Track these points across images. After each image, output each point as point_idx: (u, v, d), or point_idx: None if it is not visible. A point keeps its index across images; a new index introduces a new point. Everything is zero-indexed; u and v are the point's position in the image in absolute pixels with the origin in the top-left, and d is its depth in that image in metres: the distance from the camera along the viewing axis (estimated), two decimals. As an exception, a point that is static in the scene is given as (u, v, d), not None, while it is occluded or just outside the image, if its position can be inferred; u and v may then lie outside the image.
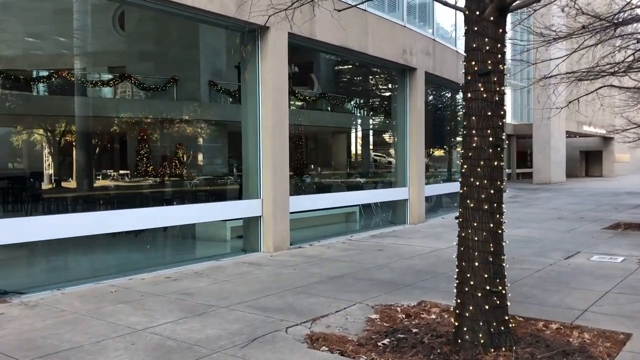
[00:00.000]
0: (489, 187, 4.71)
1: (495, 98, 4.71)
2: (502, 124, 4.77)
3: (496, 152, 4.70)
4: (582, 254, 9.58)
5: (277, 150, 9.80)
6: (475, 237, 4.79)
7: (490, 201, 4.75)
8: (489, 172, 4.69)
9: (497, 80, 4.75)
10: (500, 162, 4.76)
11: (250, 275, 7.91)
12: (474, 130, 4.72)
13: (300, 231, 12.17)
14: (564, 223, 14.13)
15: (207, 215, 9.30)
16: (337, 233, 12.18)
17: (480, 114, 4.70)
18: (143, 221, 8.20)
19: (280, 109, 9.87)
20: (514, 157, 47.02)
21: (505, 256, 5.08)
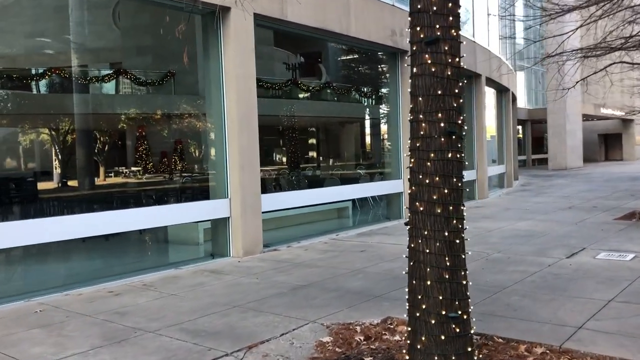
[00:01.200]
0: (442, 185, 3.73)
1: (447, 72, 3.73)
2: (457, 105, 3.78)
3: (450, 140, 3.71)
4: (588, 250, 8.53)
5: (244, 145, 8.87)
6: (426, 249, 3.81)
7: (445, 203, 3.76)
8: (441, 167, 3.71)
9: (449, 49, 3.76)
10: (458, 153, 3.77)
11: (204, 287, 7.01)
12: (421, 115, 3.75)
13: (282, 231, 11.28)
14: (574, 213, 13.03)
15: (163, 219, 8.39)
16: (322, 231, 11.24)
17: (428, 93, 3.72)
18: (79, 229, 7.30)
19: (247, 99, 8.93)
20: (529, 143, 45.59)
21: (466, 272, 4.05)
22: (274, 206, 9.76)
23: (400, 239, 10.06)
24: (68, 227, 7.15)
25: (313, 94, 31.59)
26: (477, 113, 17.34)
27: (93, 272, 8.43)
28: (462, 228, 3.89)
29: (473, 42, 16.61)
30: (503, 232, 10.57)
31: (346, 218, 13.57)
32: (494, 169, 21.21)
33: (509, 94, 21.99)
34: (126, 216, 7.94)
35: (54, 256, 9.13)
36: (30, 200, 16.01)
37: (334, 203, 12.63)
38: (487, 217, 12.87)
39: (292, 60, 35.66)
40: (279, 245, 9.75)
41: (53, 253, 9.00)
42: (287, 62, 35.69)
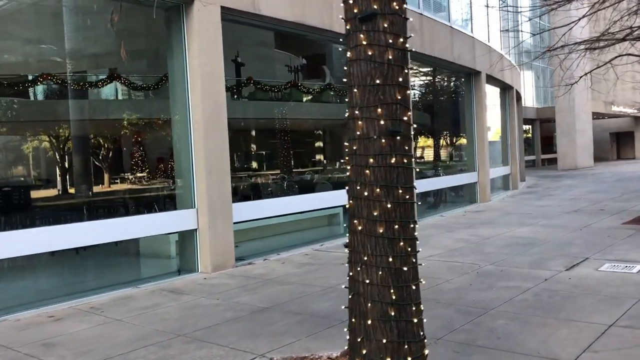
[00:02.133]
0: (385, 198, 2.97)
1: (388, 56, 2.98)
2: (403, 97, 3.01)
3: (394, 142, 2.96)
4: (591, 261, 7.70)
5: (212, 149, 8.13)
6: (366, 279, 3.04)
7: (388, 221, 3.00)
8: (382, 175, 2.97)
9: (389, 27, 3.01)
10: (405, 158, 3.01)
11: (156, 310, 6.27)
12: (357, 110, 3.00)
13: (261, 242, 10.53)
14: (579, 218, 12.16)
15: (121, 232, 7.63)
16: (308, 241, 10.46)
17: (364, 82, 2.98)
18: (25, 247, 6.59)
19: (214, 99, 8.19)
20: (538, 143, 44.54)
21: (419, 306, 3.26)
22: (247, 216, 9.01)
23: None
24: (15, 243, 6.44)
25: (314, 96, 30.86)
26: (478, 112, 16.51)
27: (40, 293, 7.70)
28: (411, 251, 3.12)
29: (472, 38, 15.80)
30: (500, 240, 9.75)
31: (337, 225, 12.79)
32: (498, 171, 20.34)
33: (512, 92, 21.12)
34: (77, 230, 7.21)
35: (3, 275, 8.43)
36: (17, 210, 15.34)
37: (322, 210, 11.85)
38: (485, 223, 12.04)
39: (294, 62, 34.96)
40: (256, 258, 9.00)
41: (6, 270, 8.30)
42: (290, 64, 35.01)
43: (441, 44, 13.84)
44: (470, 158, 16.67)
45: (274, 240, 10.81)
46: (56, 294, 7.26)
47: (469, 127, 16.67)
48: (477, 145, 16.51)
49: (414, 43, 12.55)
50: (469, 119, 16.64)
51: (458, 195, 17.26)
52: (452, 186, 16.51)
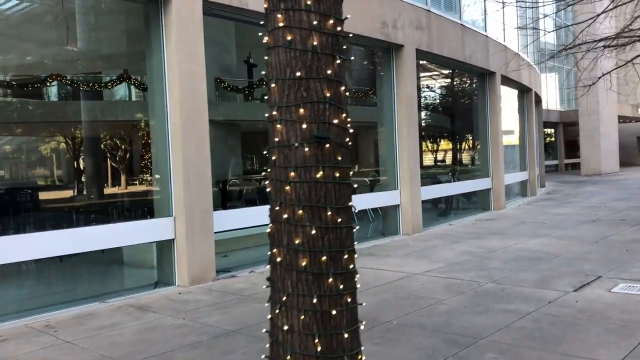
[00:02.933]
0: (309, 222, 2.35)
1: (313, 42, 2.35)
2: (335, 94, 2.38)
3: (321, 151, 2.32)
4: (603, 280, 6.94)
5: (191, 154, 7.55)
6: (285, 324, 2.40)
7: (313, 251, 2.36)
8: (306, 193, 2.35)
9: (314, 5, 2.37)
10: (337, 171, 2.38)
11: (113, 330, 5.69)
12: (276, 111, 2.37)
13: (249, 252, 9.93)
14: (597, 228, 11.34)
15: (93, 242, 7.05)
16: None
17: (283, 75, 2.35)
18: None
19: (193, 100, 7.61)
20: (561, 147, 43.29)
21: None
22: (230, 225, 8.40)
23: (383, 263, 8.64)
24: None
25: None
26: (492, 115, 15.72)
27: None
28: (345, 289, 2.47)
29: (485, 36, 15.03)
30: (508, 253, 9.01)
31: (338, 233, 12.13)
32: (515, 176, 19.48)
33: (531, 94, 20.25)
34: (42, 240, 6.68)
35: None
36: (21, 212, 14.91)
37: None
38: (495, 233, 11.28)
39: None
40: (241, 270, 8.40)
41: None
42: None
43: (451, 43, 13.11)
44: (484, 163, 15.88)
45: (264, 250, 10.19)
46: (13, 309, 6.72)
47: (483, 130, 15.89)
48: (491, 150, 15.71)
49: (420, 41, 11.89)
50: (483, 122, 15.86)
51: (471, 202, 16.48)
52: (464, 193, 15.73)
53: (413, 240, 10.78)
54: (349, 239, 2.44)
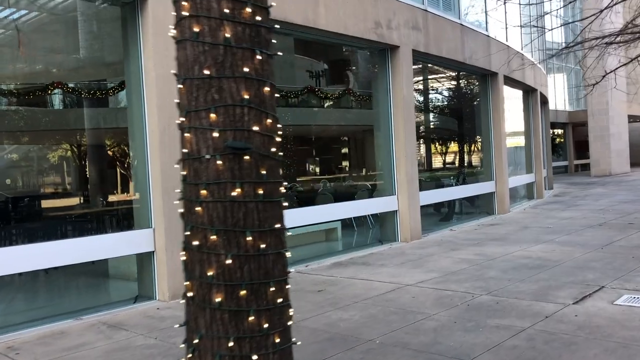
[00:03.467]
0: (225, 248, 1.97)
1: (224, 34, 2.00)
2: (254, 96, 2.02)
3: (239, 165, 1.96)
4: (606, 290, 6.52)
5: (170, 163, 7.20)
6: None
7: (230, 284, 1.99)
8: (220, 215, 1.98)
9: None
10: (260, 188, 2.01)
11: (77, 352, 5.35)
12: (185, 117, 2.02)
13: None
14: (603, 233, 10.89)
15: (65, 257, 6.73)
16: (293, 261, 9.45)
17: (191, 74, 2.00)
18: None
19: (173, 105, 7.26)
20: (570, 148, 42.64)
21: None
22: None
23: (376, 272, 8.25)
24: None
25: (334, 102, 30.06)
26: (494, 117, 15.29)
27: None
28: (273, 328, 2.09)
29: (486, 36, 14.62)
30: (507, 262, 8.59)
31: (335, 241, 11.78)
32: (520, 179, 19.03)
33: (536, 94, 19.78)
34: (14, 254, 6.36)
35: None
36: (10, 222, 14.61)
37: (316, 225, 10.84)
38: (497, 239, 10.85)
39: (315, 67, 34.12)
40: (227, 282, 8.04)
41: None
42: (311, 69, 34.17)
43: (449, 43, 12.71)
44: (488, 166, 15.45)
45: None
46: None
47: (485, 133, 15.46)
48: (494, 152, 15.28)
49: (417, 42, 11.51)
50: (485, 124, 15.43)
51: (474, 206, 16.05)
52: (467, 197, 15.31)
53: (411, 248, 10.37)
54: (279, 268, 2.06)
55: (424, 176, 26.50)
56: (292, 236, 9.40)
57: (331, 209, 10.62)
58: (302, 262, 9.36)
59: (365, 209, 11.30)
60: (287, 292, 2.16)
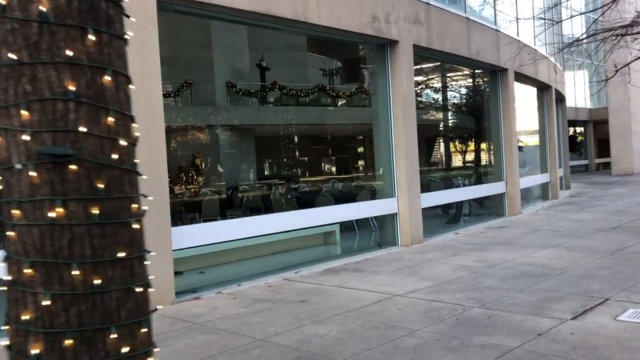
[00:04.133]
0: (42, 286, 1.52)
1: (39, 6, 1.53)
2: (86, 88, 1.57)
3: (61, 177, 1.53)
4: (610, 304, 5.97)
5: (143, 164, 6.78)
6: None
7: (49, 333, 1.54)
8: (36, 242, 1.52)
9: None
10: (98, 207, 1.56)
11: None
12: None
13: (225, 269, 9.22)
14: (616, 237, 10.27)
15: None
16: (284, 266, 9.04)
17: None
18: None
19: (146, 105, 6.87)
20: (591, 146, 41.60)
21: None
22: (192, 241, 7.63)
23: (366, 280, 7.77)
24: None
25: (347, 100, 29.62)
26: (505, 115, 14.69)
27: None
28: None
29: (494, 30, 14.03)
30: (508, 269, 8.05)
31: (333, 245, 11.32)
32: (534, 179, 18.39)
33: (551, 91, 19.09)
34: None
35: None
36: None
37: (312, 228, 10.38)
38: (502, 244, 10.30)
39: (329, 66, 33.62)
40: (209, 291, 7.63)
41: None
42: (324, 68, 33.68)
43: (454, 38, 12.17)
44: (498, 166, 14.86)
45: (244, 266, 9.46)
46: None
47: (495, 131, 14.87)
48: (505, 151, 14.69)
49: (418, 37, 10.99)
50: (495, 122, 14.85)
51: (484, 208, 15.48)
52: (476, 198, 14.74)
53: (410, 253, 9.87)
54: (129, 307, 1.62)
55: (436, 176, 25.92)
56: (285, 241, 8.95)
57: (325, 212, 10.14)
58: (293, 268, 8.92)
59: (363, 212, 10.82)
60: (144, 337, 1.71)
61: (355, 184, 20.19)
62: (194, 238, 7.60)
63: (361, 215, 10.90)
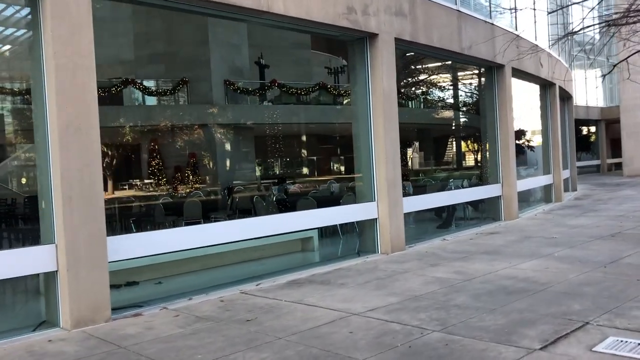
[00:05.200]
0: None
1: None
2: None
3: None
4: (589, 329, 5.21)
5: (73, 168, 6.15)
6: None
7: None
8: None
9: None
10: None
11: None
12: None
13: (199, 276, 8.70)
14: (612, 246, 9.48)
15: None
16: (248, 277, 8.35)
17: None
18: None
19: (77, 100, 6.22)
20: (603, 146, 40.47)
21: None
22: (131, 252, 6.95)
23: (330, 294, 7.08)
24: None
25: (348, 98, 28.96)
26: (501, 114, 13.90)
27: None
28: None
29: (489, 23, 13.25)
30: (486, 283, 7.31)
31: (311, 252, 10.64)
32: (535, 181, 17.59)
33: (554, 89, 18.23)
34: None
35: None
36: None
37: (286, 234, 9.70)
38: (488, 253, 9.54)
39: (334, 64, 32.95)
40: (153, 306, 6.97)
41: None
42: (329, 66, 33.01)
43: (443, 31, 11.41)
44: (494, 168, 14.07)
45: (206, 275, 8.83)
46: None
47: (491, 131, 14.08)
48: (501, 152, 13.90)
49: (401, 30, 10.25)
50: (491, 121, 14.06)
51: (480, 211, 14.70)
52: (470, 201, 13.96)
53: (386, 262, 9.14)
54: None
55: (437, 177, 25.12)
56: (258, 248, 8.22)
57: (295, 218, 9.47)
58: (257, 279, 8.24)
59: (339, 218, 10.09)
60: None
61: (351, 184, 19.54)
62: (132, 249, 6.90)
63: (337, 221, 10.21)
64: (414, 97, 28.87)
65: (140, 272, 8.46)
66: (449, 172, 27.42)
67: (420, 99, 28.38)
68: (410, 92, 27.98)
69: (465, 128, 27.93)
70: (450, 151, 31.53)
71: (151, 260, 8.06)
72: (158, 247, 7.18)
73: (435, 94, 28.66)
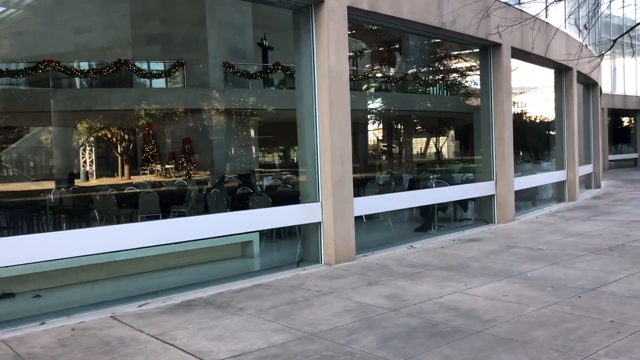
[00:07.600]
0: None
1: None
2: None
3: None
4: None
5: None
6: None
7: None
8: None
9: None
10: None
11: None
12: None
13: (104, 285, 7.38)
14: (605, 265, 7.67)
15: None
16: (139, 295, 6.88)
17: None
18: None
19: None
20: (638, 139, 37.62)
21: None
22: (24, 257, 5.56)
23: (211, 325, 5.54)
24: None
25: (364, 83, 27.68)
26: (496, 101, 12.04)
27: None
28: None
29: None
30: (415, 316, 5.65)
31: (250, 258, 9.13)
32: (542, 178, 15.70)
33: (570, 74, 16.16)
34: None
35: None
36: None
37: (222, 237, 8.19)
38: (449, 268, 7.84)
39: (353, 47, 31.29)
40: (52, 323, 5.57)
41: None
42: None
43: (415, 1, 9.64)
44: (487, 162, 12.27)
45: (103, 287, 7.46)
46: None
47: (485, 120, 12.27)
48: (495, 145, 12.08)
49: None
50: (485, 109, 12.24)
51: (476, 212, 12.91)
52: (457, 201, 12.21)
53: (319, 278, 7.53)
54: None
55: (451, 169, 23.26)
56: (187, 252, 6.67)
57: (222, 220, 7.93)
58: (151, 296, 6.76)
59: (276, 221, 8.47)
60: None
61: (286, 178, 17.99)
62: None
63: (272, 224, 8.60)
64: (450, 86, 27.21)
65: (22, 281, 7.12)
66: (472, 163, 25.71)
67: (457, 86, 26.84)
68: (447, 79, 26.45)
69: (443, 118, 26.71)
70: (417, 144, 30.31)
71: (31, 269, 6.70)
72: (40, 255, 5.76)
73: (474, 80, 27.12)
